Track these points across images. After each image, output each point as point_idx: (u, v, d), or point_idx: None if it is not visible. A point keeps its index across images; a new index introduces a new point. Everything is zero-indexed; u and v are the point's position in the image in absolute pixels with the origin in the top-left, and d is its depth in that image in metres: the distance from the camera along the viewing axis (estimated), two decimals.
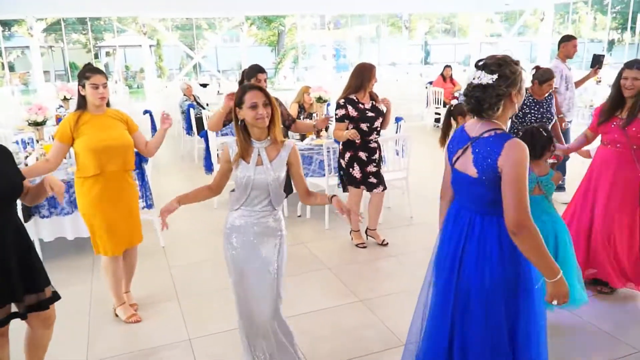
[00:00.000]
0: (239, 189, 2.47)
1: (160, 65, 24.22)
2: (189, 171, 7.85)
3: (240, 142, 2.42)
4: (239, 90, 2.46)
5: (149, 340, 3.22)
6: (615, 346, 3.04)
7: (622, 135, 3.35)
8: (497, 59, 2.01)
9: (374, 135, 4.38)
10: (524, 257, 2.01)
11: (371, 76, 4.29)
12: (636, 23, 23.55)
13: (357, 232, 4.73)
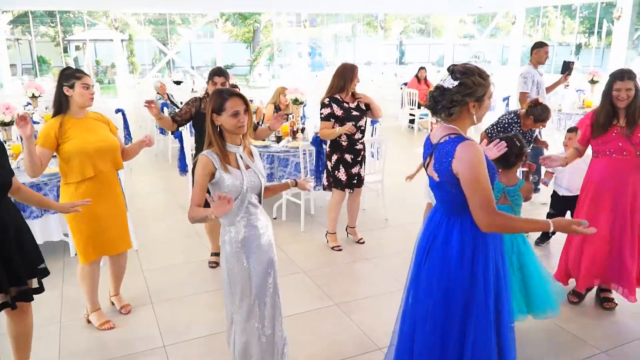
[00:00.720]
0: (237, 199, 2.41)
1: (133, 61, 23.81)
2: (163, 171, 7.75)
3: (221, 149, 2.40)
4: (215, 96, 2.42)
5: (122, 348, 3.17)
6: (580, 347, 3.14)
7: (627, 143, 3.29)
8: (465, 68, 2.06)
9: (359, 135, 4.41)
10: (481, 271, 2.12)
11: (353, 76, 4.33)
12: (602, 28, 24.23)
13: (334, 234, 4.75)
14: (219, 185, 2.38)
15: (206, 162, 2.36)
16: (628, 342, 3.18)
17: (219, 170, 2.36)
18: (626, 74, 3.27)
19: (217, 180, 2.37)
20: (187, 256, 4.56)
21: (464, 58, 22.84)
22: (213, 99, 2.42)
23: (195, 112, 4.07)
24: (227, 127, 2.38)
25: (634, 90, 3.24)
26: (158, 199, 6.41)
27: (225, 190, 2.37)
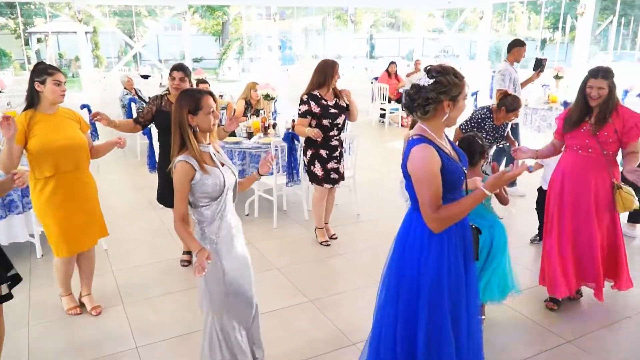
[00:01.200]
0: (214, 199, 2.39)
1: (97, 54, 23.20)
2: (131, 168, 7.60)
3: (198, 150, 2.36)
4: (186, 97, 2.35)
5: (94, 350, 3.11)
6: (548, 338, 3.24)
7: (593, 140, 3.31)
8: (441, 67, 2.11)
9: (335, 132, 4.42)
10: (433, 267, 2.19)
11: (334, 72, 4.34)
12: (566, 23, 24.87)
13: (321, 229, 4.77)
14: (199, 187, 2.34)
15: (187, 168, 2.31)
16: (592, 331, 3.30)
17: (198, 172, 2.33)
18: (601, 72, 3.25)
19: (196, 183, 2.34)
20: (158, 255, 4.50)
21: (433, 52, 23.11)
22: (185, 100, 2.35)
23: (157, 111, 3.97)
24: (203, 127, 2.36)
25: (607, 89, 3.22)
26: (127, 197, 6.29)
27: (207, 191, 2.35)
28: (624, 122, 3.23)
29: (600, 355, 3.05)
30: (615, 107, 3.26)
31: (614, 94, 3.27)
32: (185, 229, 2.37)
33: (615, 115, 3.25)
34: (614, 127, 3.24)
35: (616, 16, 25.02)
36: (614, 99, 3.27)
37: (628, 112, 3.28)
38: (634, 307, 3.57)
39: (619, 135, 3.24)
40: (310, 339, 3.23)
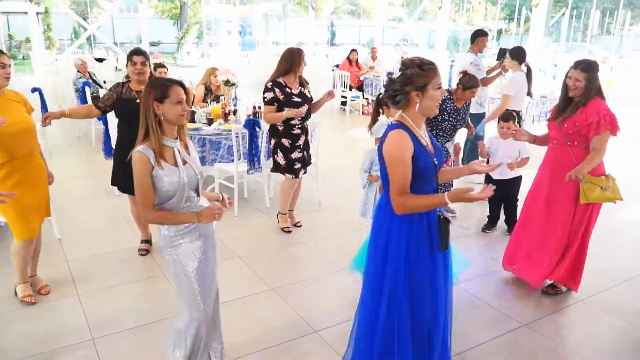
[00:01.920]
0: (174, 197, 2.28)
1: (49, 36, 22.19)
2: (86, 154, 7.34)
3: (159, 143, 2.24)
4: (154, 85, 2.25)
5: (48, 343, 3.00)
6: (504, 321, 3.34)
7: (558, 132, 3.37)
8: (409, 61, 2.21)
9: (297, 121, 4.38)
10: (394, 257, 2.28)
11: (300, 60, 4.30)
12: (521, 15, 25.48)
13: (284, 215, 4.76)
14: (155, 183, 2.25)
15: (143, 159, 2.21)
16: (547, 315, 3.42)
17: (155, 168, 2.23)
18: (581, 64, 3.27)
19: (154, 177, 2.24)
20: (114, 244, 4.37)
21: (393, 41, 23.27)
22: (153, 88, 2.24)
23: (117, 98, 3.82)
24: (168, 117, 2.24)
25: (583, 82, 3.24)
26: (81, 184, 6.07)
27: (163, 188, 2.25)
28: (587, 117, 3.24)
29: (554, 338, 3.17)
30: (588, 100, 3.26)
31: (592, 89, 3.26)
32: (162, 212, 2.28)
33: (582, 109, 3.27)
34: (575, 120, 3.29)
35: (568, 9, 25.82)
36: (591, 94, 3.27)
37: (597, 106, 3.25)
38: (587, 290, 3.71)
39: (578, 128, 3.27)
40: (272, 327, 3.22)
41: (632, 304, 3.59)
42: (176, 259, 2.38)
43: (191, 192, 2.38)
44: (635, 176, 6.69)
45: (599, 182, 3.30)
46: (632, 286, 3.84)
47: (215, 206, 2.28)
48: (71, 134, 8.47)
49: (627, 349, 3.10)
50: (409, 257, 2.29)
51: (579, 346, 3.09)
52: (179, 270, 2.39)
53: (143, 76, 3.80)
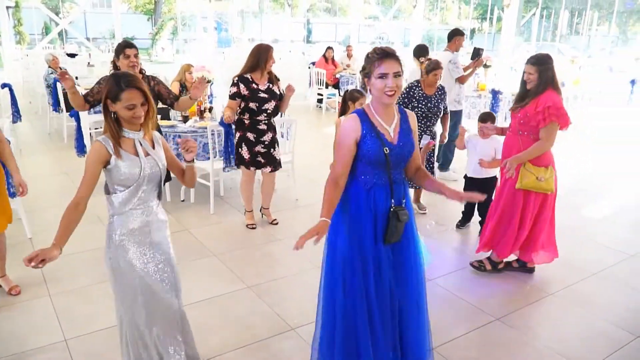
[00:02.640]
0: (129, 187, 2.24)
1: (20, 30, 21.59)
2: (57, 152, 7.18)
3: (114, 134, 2.21)
4: (112, 82, 2.19)
5: (20, 344, 2.94)
6: (478, 315, 3.40)
7: (513, 121, 3.66)
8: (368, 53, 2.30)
9: (263, 117, 4.37)
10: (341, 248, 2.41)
11: (268, 57, 4.31)
12: (494, 14, 25.89)
13: (249, 212, 4.77)
14: (114, 173, 2.21)
15: (99, 148, 2.18)
16: (519, 309, 3.50)
17: (113, 157, 2.19)
18: (532, 59, 3.53)
19: (111, 167, 2.20)
20: (87, 243, 4.27)
21: (369, 38, 23.37)
22: (109, 84, 2.19)
23: None
24: (121, 116, 2.21)
25: (535, 75, 3.47)
26: (53, 181, 5.94)
27: (121, 177, 2.21)
28: (536, 107, 3.46)
29: (526, 331, 3.25)
30: (541, 92, 3.47)
31: (545, 81, 3.47)
32: (70, 217, 2.22)
33: (535, 100, 3.48)
34: (526, 110, 3.52)
35: (539, 9, 26.36)
36: (543, 85, 3.47)
37: (546, 99, 3.44)
38: (557, 284, 3.81)
39: (528, 118, 3.50)
40: (249, 325, 3.22)
41: (601, 297, 3.70)
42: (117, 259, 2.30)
43: (151, 186, 2.31)
44: (602, 174, 6.88)
45: (536, 172, 3.55)
46: (600, 280, 3.95)
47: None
48: (42, 131, 8.28)
49: (597, 341, 3.18)
50: (355, 250, 2.37)
51: (550, 339, 3.17)
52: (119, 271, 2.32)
53: (136, 69, 3.90)
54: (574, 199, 5.70)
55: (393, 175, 2.35)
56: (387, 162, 2.30)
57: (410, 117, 2.43)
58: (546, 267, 3.97)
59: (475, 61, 6.27)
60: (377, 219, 2.35)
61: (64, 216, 2.22)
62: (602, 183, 6.41)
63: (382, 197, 2.35)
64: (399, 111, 2.40)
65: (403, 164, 2.40)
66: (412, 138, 2.39)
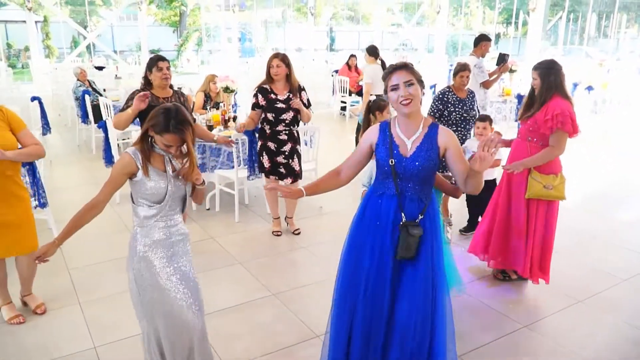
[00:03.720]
0: (153, 203, 2.29)
1: (48, 44, 22.26)
2: (86, 162, 7.36)
3: (145, 151, 2.26)
4: (162, 117, 2.21)
5: (48, 352, 3.01)
6: (504, 323, 3.35)
7: (523, 128, 3.61)
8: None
9: (282, 127, 4.40)
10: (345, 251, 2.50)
11: (268, 66, 4.37)
12: (519, 18, 25.57)
13: (276, 219, 4.81)
14: (139, 187, 2.26)
15: (128, 161, 2.24)
16: (546, 316, 3.43)
17: (140, 170, 2.24)
18: (536, 64, 3.56)
19: (137, 180, 2.25)
20: (115, 252, 4.38)
21: (392, 45, 23.34)
22: (158, 117, 2.21)
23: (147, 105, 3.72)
24: (157, 143, 2.28)
25: (538, 80, 3.47)
26: (82, 192, 6.08)
27: (146, 192, 2.26)
28: (545, 114, 3.40)
29: (555, 338, 3.18)
30: (550, 98, 3.42)
31: (549, 86, 3.43)
32: (82, 216, 2.36)
33: (545, 107, 3.42)
34: (535, 117, 3.46)
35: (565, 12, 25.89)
36: (547, 90, 3.44)
37: (555, 106, 3.37)
38: (585, 291, 3.72)
39: (538, 125, 3.44)
40: (273, 332, 3.23)
41: (630, 304, 3.60)
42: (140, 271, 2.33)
43: (175, 204, 2.36)
44: (631, 178, 6.71)
45: (543, 180, 3.48)
46: (630, 286, 3.85)
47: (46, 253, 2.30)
48: (72, 143, 8.49)
49: (626, 349, 3.10)
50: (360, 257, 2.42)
51: (578, 347, 3.10)
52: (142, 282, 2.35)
53: (168, 81, 3.92)
54: (601, 205, 5.57)
55: (402, 188, 2.33)
56: (393, 173, 2.31)
57: (441, 134, 2.34)
58: (574, 273, 3.88)
59: (500, 67, 6.21)
60: (385, 229, 2.35)
61: (77, 215, 2.34)
62: (631, 188, 6.25)
63: (392, 209, 2.35)
64: (429, 127, 2.34)
65: (417, 179, 2.33)
66: (432, 154, 2.32)
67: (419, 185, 2.35)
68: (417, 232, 2.29)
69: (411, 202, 2.35)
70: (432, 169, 2.35)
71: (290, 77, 4.38)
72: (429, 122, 2.36)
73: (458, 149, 2.35)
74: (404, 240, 2.30)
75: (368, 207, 2.44)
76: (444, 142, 2.33)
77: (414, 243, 2.30)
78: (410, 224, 2.30)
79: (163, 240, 2.35)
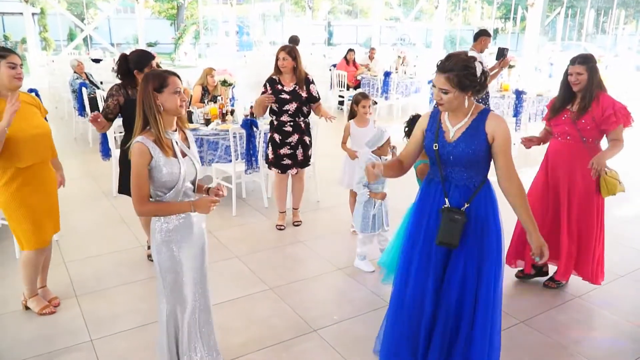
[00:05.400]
0: (171, 189, 2.30)
1: (45, 36, 22.13)
2: (83, 155, 7.33)
3: (160, 134, 2.25)
4: (153, 76, 2.26)
5: (45, 344, 3.00)
6: (503, 318, 3.32)
7: (572, 127, 3.37)
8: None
9: (286, 118, 4.41)
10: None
11: (276, 58, 4.39)
12: (517, 14, 25.55)
13: (282, 213, 4.83)
14: (154, 175, 2.26)
15: (143, 149, 2.22)
16: (544, 311, 3.44)
17: (155, 158, 2.24)
18: (578, 58, 3.34)
19: (152, 167, 2.25)
20: (112, 245, 4.37)
21: (390, 40, 23.29)
22: (151, 78, 2.25)
23: (125, 100, 3.69)
24: (167, 107, 2.25)
25: (585, 74, 3.29)
26: (79, 185, 6.06)
27: (162, 179, 2.26)
28: (603, 111, 3.28)
29: (552, 334, 3.19)
30: (597, 94, 3.32)
31: (594, 81, 3.31)
32: (156, 204, 2.31)
33: (596, 103, 3.31)
34: (592, 115, 3.31)
35: (563, 8, 25.91)
36: (595, 85, 3.31)
37: (609, 100, 3.31)
38: (584, 287, 3.73)
39: (597, 123, 3.31)
40: (270, 326, 3.23)
41: (627, 300, 3.61)
42: (165, 253, 2.36)
43: (189, 185, 2.40)
44: (628, 175, 6.71)
45: (616, 176, 3.40)
46: (627, 283, 3.86)
47: (210, 198, 2.31)
48: (68, 136, 8.45)
49: (623, 344, 3.11)
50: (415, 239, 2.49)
51: (575, 342, 3.11)
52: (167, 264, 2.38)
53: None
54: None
55: (447, 174, 2.37)
56: (437, 157, 2.35)
57: (490, 120, 2.28)
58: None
59: (500, 61, 6.19)
60: (430, 215, 2.41)
61: (154, 211, 2.33)
62: (626, 184, 6.26)
63: (437, 194, 2.40)
64: (478, 113, 2.31)
65: (461, 165, 2.31)
66: (478, 141, 2.27)
67: (465, 172, 2.33)
68: (459, 219, 2.27)
69: (456, 188, 2.35)
70: (477, 155, 2.28)
71: (297, 70, 4.39)
72: (480, 108, 2.33)
73: (504, 140, 2.26)
74: (444, 225, 2.29)
75: (421, 192, 2.52)
76: (492, 129, 2.26)
77: (456, 230, 2.27)
78: (452, 210, 2.31)
79: (183, 223, 2.38)
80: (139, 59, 3.71)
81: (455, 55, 2.25)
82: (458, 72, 2.19)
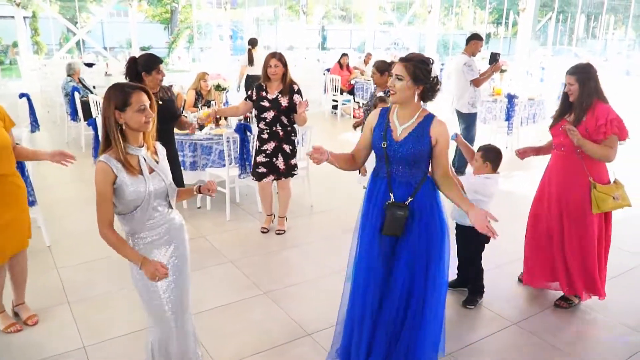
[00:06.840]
0: (139, 207, 2.19)
1: (37, 40, 22.01)
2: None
3: (123, 152, 2.13)
4: (115, 91, 2.15)
5: (38, 351, 2.97)
6: (494, 321, 3.37)
7: (567, 138, 3.25)
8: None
9: (263, 125, 4.42)
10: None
11: (266, 65, 4.36)
12: (509, 19, 25.74)
13: (269, 216, 4.85)
14: (119, 193, 2.16)
15: (106, 169, 2.10)
16: (536, 313, 3.46)
17: (119, 178, 2.12)
18: (571, 69, 3.29)
19: (117, 187, 2.13)
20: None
21: (384, 44, 23.39)
22: (113, 93, 2.13)
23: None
24: (132, 125, 2.13)
25: (576, 85, 3.23)
26: (71, 190, 6.04)
27: (128, 198, 2.16)
28: (597, 121, 3.20)
29: (544, 336, 3.20)
30: (593, 104, 3.23)
31: (585, 91, 3.22)
32: (117, 237, 2.19)
33: (591, 113, 3.23)
34: (586, 125, 3.23)
35: (555, 13, 26.13)
36: (586, 96, 3.22)
37: (604, 111, 3.22)
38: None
39: (589, 134, 3.22)
40: (264, 330, 3.22)
41: (619, 301, 3.63)
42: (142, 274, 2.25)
43: (159, 201, 2.28)
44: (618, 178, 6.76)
45: (610, 191, 3.28)
46: (618, 284, 3.88)
47: (159, 268, 2.19)
48: (60, 140, 8.41)
49: (615, 345, 3.14)
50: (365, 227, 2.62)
51: (568, 344, 3.13)
52: (147, 284, 2.28)
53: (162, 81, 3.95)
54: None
55: (392, 171, 2.50)
56: (385, 155, 2.48)
57: (434, 125, 2.46)
58: None
59: (492, 66, 6.24)
60: (377, 207, 2.54)
61: (111, 241, 2.24)
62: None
63: (383, 190, 2.53)
64: (424, 117, 2.48)
65: (405, 163, 2.48)
66: (422, 142, 2.45)
67: (408, 170, 2.49)
68: (401, 214, 2.44)
69: (400, 184, 2.50)
70: (421, 156, 2.47)
71: (285, 77, 4.36)
72: (426, 113, 2.50)
73: (445, 142, 2.48)
74: (389, 218, 2.46)
75: (369, 187, 2.65)
76: (436, 133, 2.46)
77: (398, 223, 2.46)
78: (396, 205, 2.46)
79: (159, 238, 2.31)
80: (147, 62, 3.82)
81: (417, 53, 2.49)
82: (415, 63, 2.39)
